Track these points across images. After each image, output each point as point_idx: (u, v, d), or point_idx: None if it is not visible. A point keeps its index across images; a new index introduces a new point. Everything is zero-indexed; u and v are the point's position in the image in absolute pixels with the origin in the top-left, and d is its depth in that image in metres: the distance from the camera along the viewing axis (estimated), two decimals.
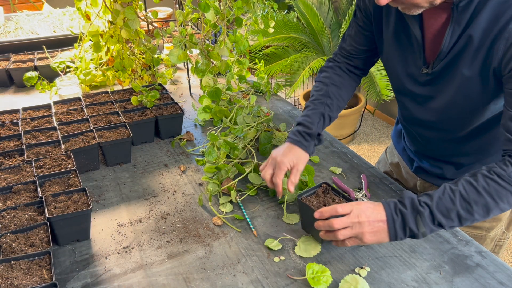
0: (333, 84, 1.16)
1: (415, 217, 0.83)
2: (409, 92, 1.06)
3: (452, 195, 0.83)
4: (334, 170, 1.23)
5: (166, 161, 1.30)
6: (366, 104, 3.54)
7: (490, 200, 0.82)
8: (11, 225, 0.93)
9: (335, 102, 1.14)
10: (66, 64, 1.79)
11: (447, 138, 1.09)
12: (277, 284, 0.87)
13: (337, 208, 0.87)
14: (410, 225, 0.83)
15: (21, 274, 0.82)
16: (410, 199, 0.85)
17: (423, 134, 1.14)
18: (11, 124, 1.33)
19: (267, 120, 1.42)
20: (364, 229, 0.84)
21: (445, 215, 0.83)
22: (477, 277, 0.87)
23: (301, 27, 3.22)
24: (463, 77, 0.91)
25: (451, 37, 0.89)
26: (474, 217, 0.83)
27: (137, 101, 1.42)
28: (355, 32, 1.14)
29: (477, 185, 0.83)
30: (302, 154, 1.04)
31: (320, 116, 1.10)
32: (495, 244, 1.23)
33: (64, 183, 1.07)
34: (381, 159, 1.47)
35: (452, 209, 0.82)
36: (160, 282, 0.88)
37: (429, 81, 0.99)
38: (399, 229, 0.84)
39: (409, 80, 1.04)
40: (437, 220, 0.83)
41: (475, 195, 0.82)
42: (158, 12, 1.50)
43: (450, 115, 1.01)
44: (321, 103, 1.13)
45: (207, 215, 1.07)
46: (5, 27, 2.19)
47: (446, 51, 0.91)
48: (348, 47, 1.17)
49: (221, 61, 1.38)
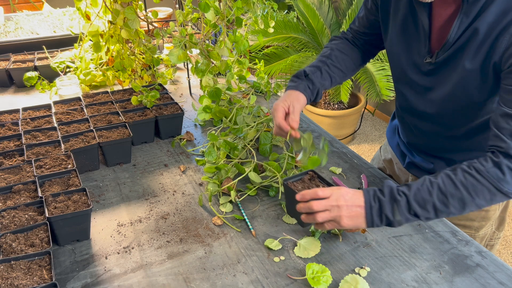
0: (338, 49, 1.18)
1: (392, 205, 0.85)
2: (410, 81, 1.06)
3: (430, 186, 0.85)
4: (334, 170, 1.23)
5: (166, 161, 1.30)
6: (366, 104, 3.54)
7: (466, 195, 0.83)
8: (11, 225, 0.93)
9: (336, 64, 1.16)
10: (66, 64, 1.79)
11: (441, 133, 1.09)
12: (277, 284, 0.87)
13: (318, 191, 0.90)
14: (387, 212, 0.85)
15: (21, 274, 0.82)
16: (389, 188, 0.87)
17: (419, 126, 1.14)
18: (11, 124, 1.33)
19: (267, 120, 1.42)
20: (342, 213, 0.86)
21: (421, 205, 0.84)
22: (477, 277, 0.87)
23: (301, 27, 3.22)
24: (464, 69, 0.92)
25: (458, 28, 0.89)
26: (450, 210, 0.84)
27: (137, 101, 1.42)
28: (364, 15, 1.16)
29: (455, 178, 0.84)
30: (293, 93, 1.07)
31: (315, 69, 1.13)
32: (486, 244, 1.24)
33: (64, 183, 1.07)
34: (375, 156, 1.48)
35: (429, 200, 0.84)
36: (160, 282, 0.88)
37: (431, 71, 1.00)
38: (375, 216, 0.86)
39: (411, 69, 1.04)
40: (413, 210, 0.84)
41: (452, 188, 0.84)
42: (158, 12, 1.50)
43: (447, 108, 1.01)
44: (320, 61, 1.16)
45: (207, 215, 1.07)
46: (5, 27, 2.19)
47: (452, 41, 0.91)
48: (358, 28, 1.20)
49: (221, 61, 1.38)
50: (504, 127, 0.84)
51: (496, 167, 0.83)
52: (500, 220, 1.22)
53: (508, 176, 0.83)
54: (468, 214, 1.17)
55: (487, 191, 0.83)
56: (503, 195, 0.84)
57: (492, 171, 0.83)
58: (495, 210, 1.18)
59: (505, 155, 0.84)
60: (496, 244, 1.26)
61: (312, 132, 1.46)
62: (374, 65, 3.09)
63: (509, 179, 0.83)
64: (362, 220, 0.87)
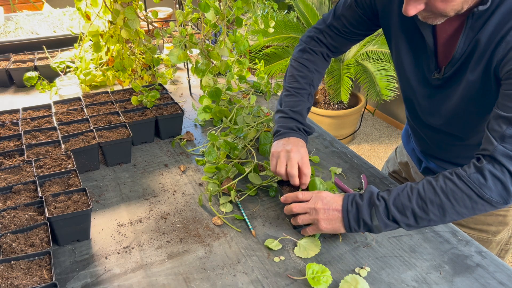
0: (317, 71, 1.16)
1: (370, 210, 0.85)
2: (419, 96, 1.05)
3: (410, 192, 0.84)
4: (334, 170, 1.23)
5: (166, 161, 1.30)
6: (366, 104, 3.54)
7: (445, 201, 0.81)
8: (11, 225, 0.93)
9: (315, 90, 1.16)
10: (66, 64, 1.79)
11: (454, 142, 1.08)
12: (277, 284, 0.87)
13: (298, 194, 0.92)
14: (364, 217, 0.85)
15: (21, 274, 0.82)
16: (370, 193, 0.87)
17: (431, 137, 1.13)
18: (11, 124, 1.33)
19: (267, 120, 1.42)
20: (319, 216, 0.88)
21: (400, 211, 0.83)
22: (477, 277, 0.87)
23: (301, 27, 3.22)
24: (467, 82, 0.91)
25: (464, 43, 0.88)
26: (430, 216, 0.83)
27: (137, 101, 1.42)
28: (352, 14, 1.10)
29: (435, 185, 0.83)
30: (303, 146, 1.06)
31: (307, 110, 1.13)
32: (501, 248, 1.22)
33: (64, 183, 1.07)
34: (391, 158, 1.47)
35: (408, 206, 0.83)
36: (160, 282, 0.88)
37: (438, 86, 0.99)
38: (352, 220, 0.86)
39: (420, 84, 1.03)
40: (391, 215, 0.84)
41: (431, 194, 0.82)
42: (158, 12, 1.50)
43: (457, 120, 1.01)
44: (307, 94, 1.14)
45: (207, 215, 1.07)
46: (5, 27, 2.19)
47: (459, 57, 0.91)
48: (339, 27, 1.13)
49: (221, 61, 1.38)
50: (495, 129, 0.82)
51: (478, 173, 0.80)
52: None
53: (490, 182, 0.79)
54: (485, 219, 1.16)
55: (467, 198, 0.80)
56: (485, 202, 0.80)
57: (473, 176, 0.81)
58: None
59: (490, 159, 0.81)
60: (511, 249, 1.24)
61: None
62: (374, 65, 3.09)
63: (491, 185, 0.79)
64: (340, 224, 0.88)
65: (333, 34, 1.15)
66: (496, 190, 0.80)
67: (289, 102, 1.12)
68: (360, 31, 1.12)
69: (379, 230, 0.86)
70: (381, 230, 0.86)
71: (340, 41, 1.16)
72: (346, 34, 1.14)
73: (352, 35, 1.14)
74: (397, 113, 3.72)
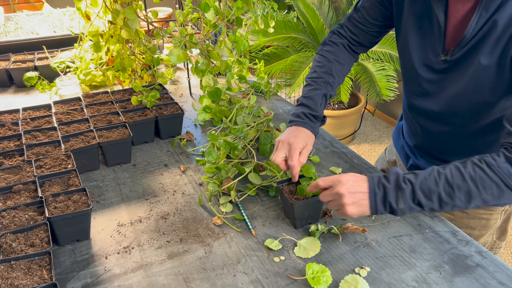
0: (336, 61, 1.15)
1: (397, 193, 0.83)
2: (422, 79, 1.03)
3: (438, 177, 0.83)
4: (334, 170, 1.23)
5: (166, 161, 1.30)
6: (366, 104, 3.54)
7: (473, 188, 0.81)
8: (11, 225, 0.93)
9: (336, 80, 1.14)
10: (66, 64, 1.79)
11: (450, 133, 1.07)
12: (277, 284, 0.87)
13: (318, 182, 0.91)
14: (390, 199, 0.83)
15: (21, 274, 0.82)
16: (396, 175, 0.85)
17: (426, 126, 1.12)
18: (11, 124, 1.33)
19: (267, 120, 1.42)
20: (344, 200, 0.86)
21: (426, 195, 0.82)
22: (477, 277, 0.87)
23: (301, 27, 3.22)
24: (479, 65, 0.89)
25: (476, 23, 0.86)
26: (455, 202, 0.82)
27: (137, 101, 1.42)
28: (371, 5, 1.11)
29: (464, 171, 0.82)
30: (310, 135, 1.06)
31: (322, 97, 1.11)
32: None
33: (64, 183, 1.07)
34: (380, 157, 1.47)
35: (435, 191, 0.82)
36: (160, 282, 0.88)
37: (444, 69, 0.97)
38: (379, 203, 0.85)
39: (424, 67, 1.01)
40: (417, 199, 0.82)
41: (459, 180, 0.81)
42: (158, 12, 1.50)
43: (458, 107, 0.99)
44: (324, 82, 1.12)
45: (207, 215, 1.07)
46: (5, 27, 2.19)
47: (469, 37, 0.88)
48: (359, 19, 1.15)
49: (221, 61, 1.38)
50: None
51: (508, 163, 0.80)
52: (502, 231, 1.20)
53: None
54: (468, 222, 1.16)
55: (495, 186, 0.80)
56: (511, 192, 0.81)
57: (503, 166, 0.80)
58: (496, 219, 1.16)
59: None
60: (497, 254, 1.24)
61: None
62: (374, 65, 3.09)
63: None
64: (366, 207, 0.86)
65: (353, 26, 1.17)
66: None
67: (304, 91, 1.13)
68: (377, 22, 1.13)
69: (402, 213, 0.85)
70: (405, 213, 0.85)
71: (360, 33, 1.16)
72: (364, 25, 1.15)
73: (370, 26, 1.14)
74: (397, 113, 3.72)
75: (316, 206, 1.00)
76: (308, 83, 1.14)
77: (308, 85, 1.14)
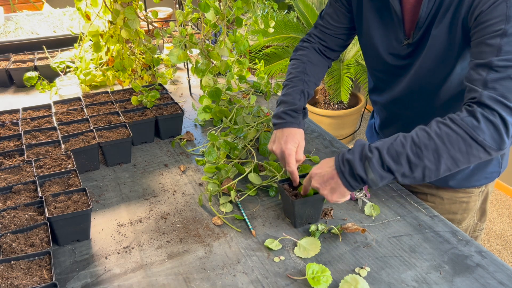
0: (309, 62, 1.19)
1: (364, 163, 0.84)
2: (389, 67, 1.07)
3: (404, 140, 0.83)
4: None
5: (166, 161, 1.30)
6: (366, 104, 3.54)
7: (440, 144, 0.80)
8: (11, 225, 0.93)
9: (312, 79, 1.17)
10: (66, 64, 1.80)
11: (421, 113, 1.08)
12: (277, 284, 0.87)
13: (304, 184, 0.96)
14: (359, 171, 0.84)
15: (21, 274, 0.82)
16: (360, 146, 0.86)
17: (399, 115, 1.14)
18: (11, 124, 1.33)
19: (267, 120, 1.42)
20: (322, 192, 0.89)
21: (394, 159, 0.82)
22: (477, 277, 0.87)
23: (301, 27, 3.22)
24: (432, 37, 0.93)
25: (427, 7, 0.91)
26: (424, 162, 0.81)
27: (137, 101, 1.42)
28: (333, 10, 1.17)
29: (429, 130, 0.82)
30: (298, 132, 1.07)
31: (300, 93, 1.13)
32: (470, 235, 1.26)
33: (64, 183, 1.07)
34: None
35: (402, 153, 0.81)
36: (160, 282, 0.88)
37: (409, 53, 1.01)
38: (349, 178, 0.85)
39: (390, 56, 1.05)
40: (386, 165, 0.82)
41: (425, 139, 0.81)
42: (158, 12, 1.51)
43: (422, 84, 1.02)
44: (300, 79, 1.15)
45: (207, 215, 1.07)
46: (5, 27, 2.19)
47: (425, 16, 0.93)
48: (325, 24, 1.19)
49: (221, 61, 1.38)
50: (476, 78, 0.82)
51: (471, 116, 0.80)
52: (481, 212, 1.24)
53: (482, 124, 0.79)
54: (450, 207, 1.20)
55: (461, 140, 0.80)
56: (479, 146, 0.80)
57: (466, 119, 0.80)
58: (475, 201, 1.20)
59: (479, 104, 0.80)
60: (480, 235, 1.29)
61: (312, 132, 1.46)
62: None
63: (483, 127, 0.79)
64: (342, 188, 0.87)
65: (320, 32, 1.21)
66: (489, 133, 0.79)
67: (282, 91, 1.16)
68: (342, 25, 1.17)
69: (375, 184, 0.84)
70: (378, 184, 0.84)
71: (328, 38, 1.20)
72: (331, 29, 1.19)
73: (336, 30, 1.18)
74: None
75: (316, 204, 1.00)
76: (285, 84, 1.17)
77: (285, 86, 1.17)
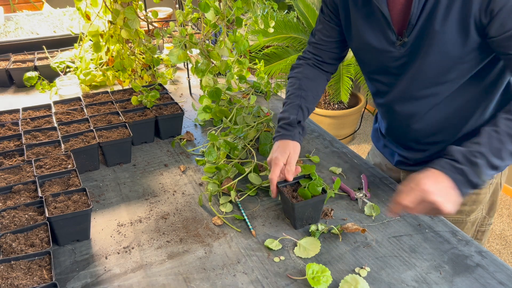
0: (305, 78, 1.20)
1: (474, 169, 0.86)
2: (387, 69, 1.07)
3: (497, 134, 0.87)
4: (334, 170, 1.23)
5: (166, 161, 1.30)
6: (366, 104, 3.54)
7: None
8: (11, 225, 0.93)
9: (309, 93, 1.18)
10: (66, 64, 1.80)
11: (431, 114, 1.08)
12: (277, 284, 0.87)
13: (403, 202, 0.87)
14: (472, 178, 0.86)
15: (21, 274, 0.82)
16: (460, 153, 0.87)
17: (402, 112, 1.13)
18: (11, 124, 1.33)
19: (267, 120, 1.42)
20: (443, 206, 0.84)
21: (498, 157, 0.86)
22: (477, 277, 0.87)
23: (301, 27, 3.22)
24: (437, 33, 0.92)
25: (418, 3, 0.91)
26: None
27: (137, 101, 1.42)
28: (323, 26, 1.18)
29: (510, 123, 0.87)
30: (290, 143, 1.08)
31: (297, 107, 1.15)
32: (477, 229, 1.24)
33: (64, 183, 1.07)
34: None
35: (502, 149, 0.86)
36: (160, 282, 0.88)
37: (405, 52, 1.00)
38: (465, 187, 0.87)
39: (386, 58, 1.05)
40: (494, 165, 0.87)
41: None
42: (158, 12, 1.51)
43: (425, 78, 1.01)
44: (296, 96, 1.17)
45: (207, 215, 1.07)
46: (5, 27, 2.19)
47: (417, 13, 0.92)
48: (317, 41, 1.21)
49: (221, 61, 1.38)
50: None
51: None
52: (490, 204, 1.23)
53: None
54: None
55: None
56: None
57: None
58: (486, 193, 1.19)
59: None
60: (487, 231, 1.26)
61: (312, 132, 1.46)
62: None
63: None
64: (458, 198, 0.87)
65: (314, 49, 1.23)
66: None
67: (281, 110, 1.18)
68: (334, 39, 1.18)
69: (484, 183, 0.89)
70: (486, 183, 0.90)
71: (322, 54, 1.22)
72: (324, 45, 1.21)
73: (329, 44, 1.20)
74: None
75: (316, 206, 1.00)
76: (283, 103, 1.19)
77: (283, 104, 1.19)
